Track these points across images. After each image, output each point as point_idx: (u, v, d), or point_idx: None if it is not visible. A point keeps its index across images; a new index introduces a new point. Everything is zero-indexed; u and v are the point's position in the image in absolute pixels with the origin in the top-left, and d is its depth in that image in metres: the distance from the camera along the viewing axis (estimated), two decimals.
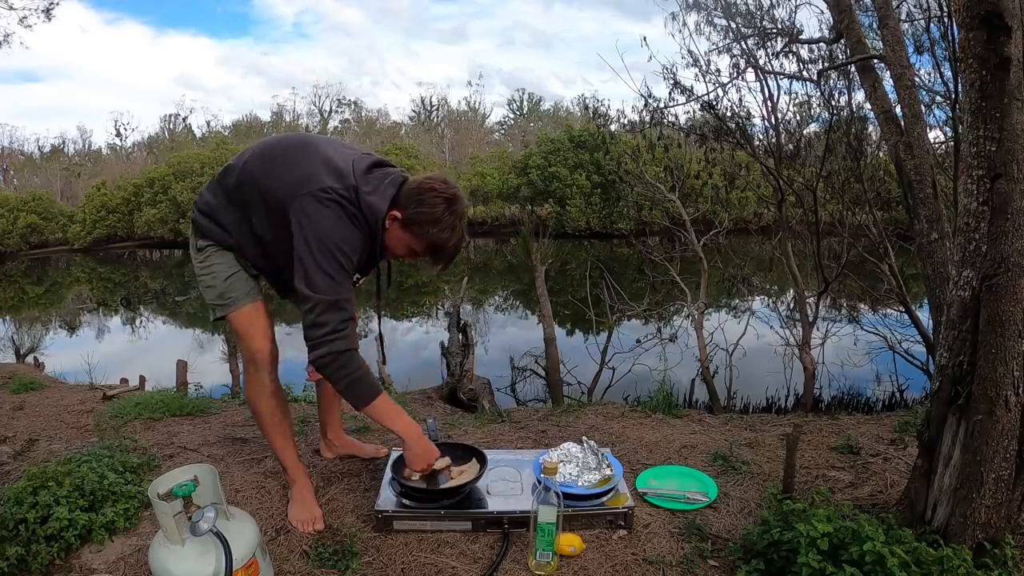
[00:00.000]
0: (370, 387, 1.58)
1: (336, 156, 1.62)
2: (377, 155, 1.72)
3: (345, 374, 1.54)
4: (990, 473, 1.49)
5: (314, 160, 1.60)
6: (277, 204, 1.59)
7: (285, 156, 1.64)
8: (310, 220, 1.53)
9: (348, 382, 1.55)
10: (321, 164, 1.58)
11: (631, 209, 16.20)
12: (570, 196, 18.41)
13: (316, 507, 1.85)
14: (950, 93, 3.41)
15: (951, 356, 1.57)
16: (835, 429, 2.61)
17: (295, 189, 1.55)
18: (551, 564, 1.60)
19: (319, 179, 1.55)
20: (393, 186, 1.63)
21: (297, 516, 1.81)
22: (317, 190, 1.53)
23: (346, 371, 1.54)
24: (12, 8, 8.13)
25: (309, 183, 1.54)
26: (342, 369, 1.54)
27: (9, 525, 1.66)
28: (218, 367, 5.96)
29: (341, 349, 1.52)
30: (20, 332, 8.29)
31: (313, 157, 1.61)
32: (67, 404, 3.17)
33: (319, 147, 1.66)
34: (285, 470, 1.90)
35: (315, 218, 1.53)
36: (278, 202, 1.59)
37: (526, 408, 3.74)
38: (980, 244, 1.48)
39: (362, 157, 1.66)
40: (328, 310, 1.51)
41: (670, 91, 4.73)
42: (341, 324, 1.52)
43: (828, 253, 4.49)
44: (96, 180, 21.40)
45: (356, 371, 1.55)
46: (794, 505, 1.62)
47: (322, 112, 40.55)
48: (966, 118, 1.51)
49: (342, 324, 1.52)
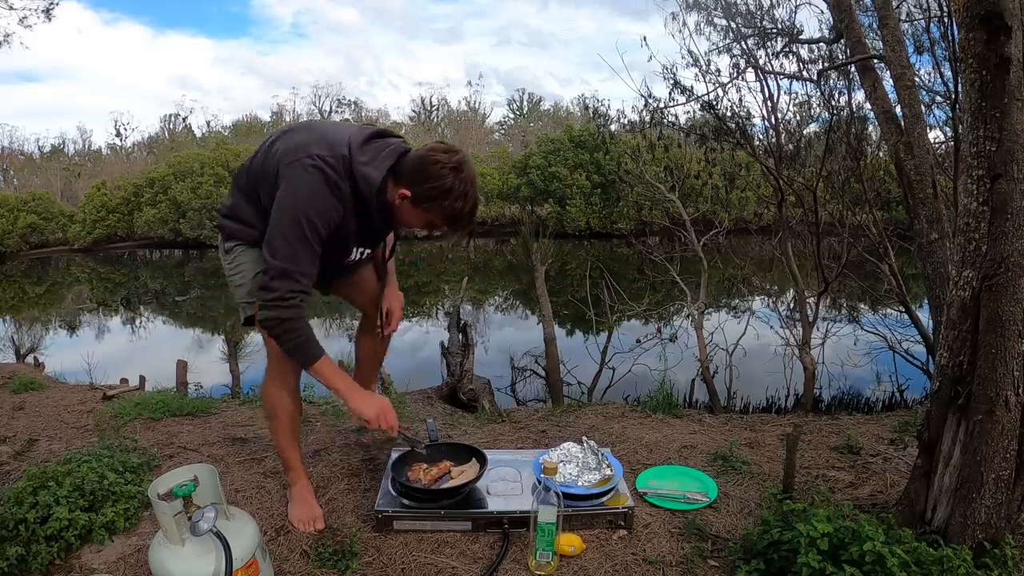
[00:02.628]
0: (312, 350, 1.63)
1: (332, 130, 1.65)
2: (378, 127, 1.73)
3: (289, 338, 1.61)
4: (990, 473, 1.49)
5: (310, 134, 1.64)
6: (278, 181, 1.62)
7: (286, 138, 1.67)
8: (289, 186, 1.56)
9: (292, 345, 1.62)
10: (315, 137, 1.62)
11: (631, 209, 16.24)
12: (570, 196, 18.40)
13: (316, 507, 1.87)
14: (950, 93, 3.41)
15: (951, 356, 1.57)
16: (835, 429, 2.61)
17: (286, 158, 1.59)
18: (551, 564, 1.60)
19: (308, 148, 1.58)
20: (391, 157, 1.63)
21: (298, 516, 1.84)
22: (304, 157, 1.56)
23: (289, 336, 1.61)
24: (12, 8, 8.13)
25: (298, 152, 1.58)
26: (286, 333, 1.60)
27: (9, 525, 1.66)
28: (218, 367, 5.95)
29: (286, 317, 1.58)
30: (20, 332, 8.28)
31: (310, 132, 1.65)
32: (67, 404, 3.16)
33: (318, 125, 1.72)
34: (287, 470, 1.91)
35: (295, 184, 1.56)
36: (278, 178, 1.61)
37: (526, 408, 3.74)
38: (980, 244, 1.49)
39: (361, 129, 1.66)
40: (279, 277, 1.55)
41: (670, 91, 4.73)
42: (290, 294, 1.56)
43: (828, 253, 4.48)
44: (96, 180, 21.37)
45: (299, 336, 1.61)
46: (794, 505, 1.63)
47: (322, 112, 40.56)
48: (966, 118, 1.51)
49: (290, 294, 1.56)
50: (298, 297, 1.57)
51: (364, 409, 1.69)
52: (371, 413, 1.69)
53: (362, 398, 1.71)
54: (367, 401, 1.71)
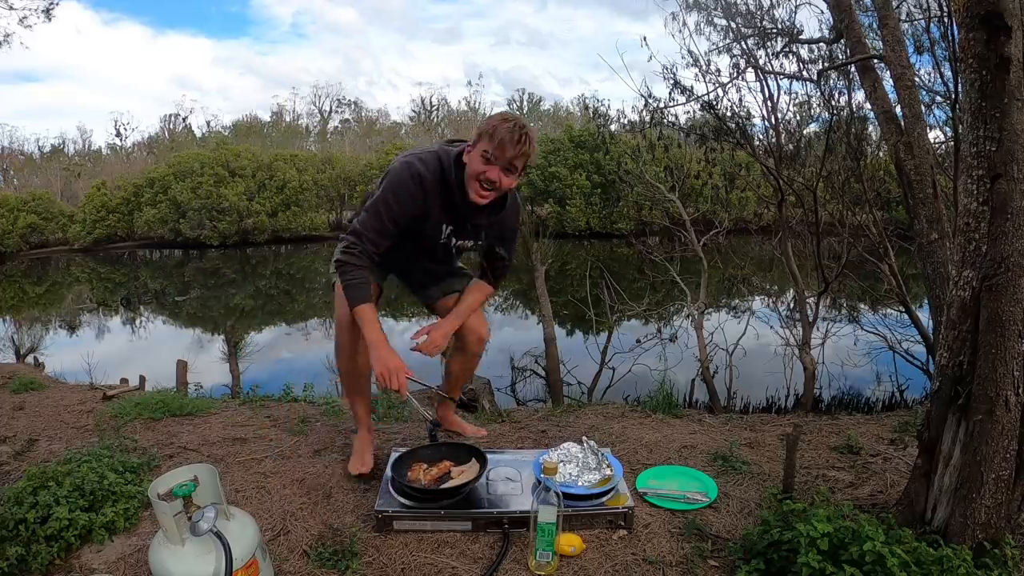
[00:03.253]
0: (359, 294, 1.85)
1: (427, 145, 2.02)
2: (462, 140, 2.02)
3: (346, 279, 1.85)
4: (990, 473, 1.49)
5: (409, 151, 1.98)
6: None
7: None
8: (384, 180, 1.91)
9: (345, 284, 1.85)
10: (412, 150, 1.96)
11: (631, 209, 16.25)
12: (570, 196, 18.40)
13: (370, 456, 2.11)
14: (950, 93, 3.41)
15: (951, 356, 1.57)
16: (835, 429, 2.61)
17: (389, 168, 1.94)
18: (551, 564, 1.60)
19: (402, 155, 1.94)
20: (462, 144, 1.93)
21: (352, 463, 2.11)
22: (398, 160, 1.92)
23: (346, 277, 1.86)
24: (12, 8, 8.13)
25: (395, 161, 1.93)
26: (345, 274, 1.86)
27: (9, 525, 1.66)
28: (218, 367, 5.96)
29: (346, 260, 1.86)
30: (20, 332, 8.28)
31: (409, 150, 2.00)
32: (67, 404, 3.16)
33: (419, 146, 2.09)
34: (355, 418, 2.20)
35: (387, 178, 1.90)
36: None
37: (526, 408, 3.74)
38: (980, 244, 1.49)
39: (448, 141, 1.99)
40: (351, 234, 1.88)
41: (670, 91, 4.73)
42: (351, 245, 1.86)
43: (828, 253, 4.48)
44: (96, 180, 21.36)
45: (353, 279, 1.85)
46: (794, 505, 1.63)
47: (322, 112, 40.56)
48: (966, 118, 1.51)
49: (354, 245, 1.86)
50: (359, 248, 1.85)
51: (377, 363, 1.82)
52: (380, 368, 1.81)
53: (382, 354, 1.83)
54: (385, 358, 1.82)
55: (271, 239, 19.24)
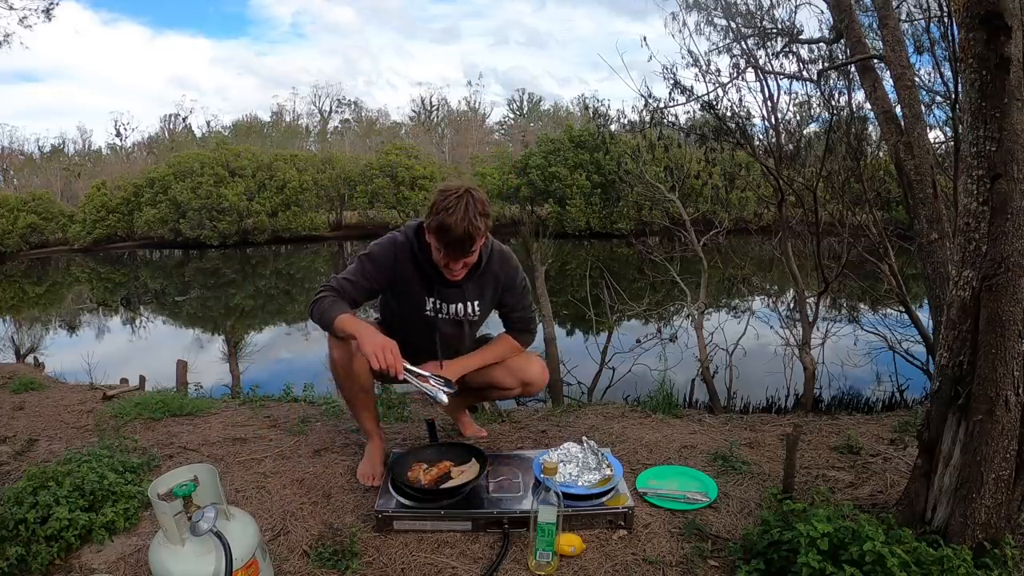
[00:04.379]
0: (329, 316, 1.87)
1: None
2: None
3: (315, 311, 1.93)
4: (990, 473, 1.49)
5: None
6: None
7: None
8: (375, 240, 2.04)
9: (318, 317, 1.91)
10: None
11: (631, 209, 16.25)
12: (570, 196, 18.41)
13: (380, 465, 2.11)
14: (950, 93, 3.41)
15: (951, 356, 1.57)
16: (835, 429, 2.61)
17: None
18: (551, 564, 1.60)
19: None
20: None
21: (362, 470, 2.11)
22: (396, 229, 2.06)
23: (315, 309, 1.93)
24: (12, 8, 8.12)
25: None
26: (315, 310, 1.92)
27: (9, 525, 1.66)
28: (218, 367, 5.96)
29: (315, 299, 1.95)
30: (20, 332, 8.28)
31: None
32: (67, 404, 3.17)
33: None
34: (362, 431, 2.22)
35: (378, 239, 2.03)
36: None
37: (526, 408, 3.73)
38: (980, 244, 1.48)
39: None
40: (327, 283, 1.98)
41: (670, 91, 4.73)
42: (324, 289, 1.96)
43: (828, 253, 4.48)
44: (96, 180, 21.37)
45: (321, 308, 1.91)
46: (794, 505, 1.63)
47: (322, 112, 40.57)
48: (966, 118, 1.51)
49: (325, 289, 1.95)
50: (328, 291, 1.94)
51: (366, 344, 1.77)
52: (370, 347, 1.75)
53: (369, 336, 1.79)
54: (372, 337, 1.79)
55: (271, 239, 19.26)
